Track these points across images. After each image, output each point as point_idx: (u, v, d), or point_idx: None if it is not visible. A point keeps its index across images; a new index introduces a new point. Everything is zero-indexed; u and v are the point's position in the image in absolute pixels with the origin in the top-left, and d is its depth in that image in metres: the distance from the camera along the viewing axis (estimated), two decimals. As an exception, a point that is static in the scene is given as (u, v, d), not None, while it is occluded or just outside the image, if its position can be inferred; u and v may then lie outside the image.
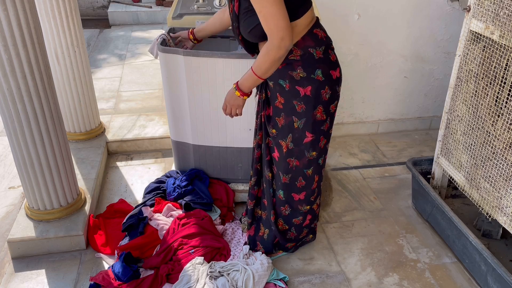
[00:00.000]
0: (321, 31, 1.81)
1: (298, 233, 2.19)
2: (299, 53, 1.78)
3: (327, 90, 1.83)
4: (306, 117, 1.86)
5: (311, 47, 1.77)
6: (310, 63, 1.79)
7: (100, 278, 2.00)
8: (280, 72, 1.83)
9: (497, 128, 1.89)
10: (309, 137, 1.90)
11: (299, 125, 1.88)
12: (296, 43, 1.76)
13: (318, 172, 2.04)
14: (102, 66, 4.52)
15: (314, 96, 1.82)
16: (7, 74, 1.86)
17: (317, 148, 1.95)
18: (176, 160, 2.64)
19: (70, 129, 2.91)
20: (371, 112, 3.32)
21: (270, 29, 1.63)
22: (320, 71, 1.80)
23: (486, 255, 1.90)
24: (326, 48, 1.81)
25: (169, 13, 2.49)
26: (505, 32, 1.77)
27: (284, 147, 1.95)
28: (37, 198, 2.19)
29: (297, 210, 2.10)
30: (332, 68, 1.83)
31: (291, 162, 1.98)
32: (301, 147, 1.93)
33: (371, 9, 2.93)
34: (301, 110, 1.85)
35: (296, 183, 2.02)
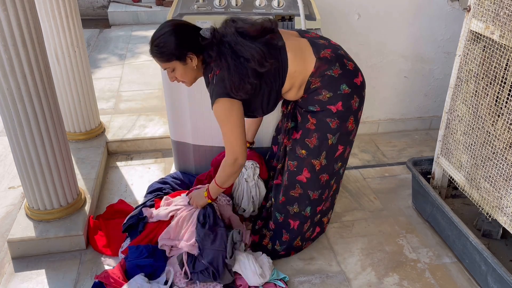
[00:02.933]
0: (325, 50, 1.83)
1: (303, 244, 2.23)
2: (318, 80, 1.82)
3: (356, 98, 1.88)
4: (340, 131, 1.90)
5: (326, 70, 1.81)
6: (332, 82, 1.83)
7: (105, 276, 2.00)
8: (307, 100, 1.88)
9: (497, 128, 1.89)
10: (340, 149, 1.95)
11: (333, 141, 1.91)
12: (311, 74, 1.82)
13: (337, 181, 2.11)
14: (102, 66, 4.52)
15: (346, 109, 1.86)
16: (7, 74, 1.86)
17: (343, 158, 2.02)
18: (176, 160, 2.64)
19: (70, 129, 2.91)
20: (371, 112, 3.32)
21: (227, 148, 1.84)
22: (345, 85, 1.84)
23: (486, 255, 1.90)
24: (339, 61, 1.84)
25: (169, 13, 2.49)
26: (505, 32, 1.77)
27: (317, 165, 1.96)
28: (37, 198, 2.19)
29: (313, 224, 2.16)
30: (355, 76, 1.87)
31: (323, 178, 2.01)
32: (332, 160, 1.97)
33: (371, 9, 2.93)
34: (335, 126, 1.88)
35: (323, 196, 2.07)
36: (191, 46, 1.77)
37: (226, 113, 1.77)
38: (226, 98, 1.75)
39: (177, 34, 1.75)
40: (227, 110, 1.77)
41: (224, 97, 1.75)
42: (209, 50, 1.75)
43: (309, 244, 2.27)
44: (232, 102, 1.76)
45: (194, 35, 1.77)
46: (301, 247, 2.22)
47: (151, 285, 1.97)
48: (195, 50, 1.78)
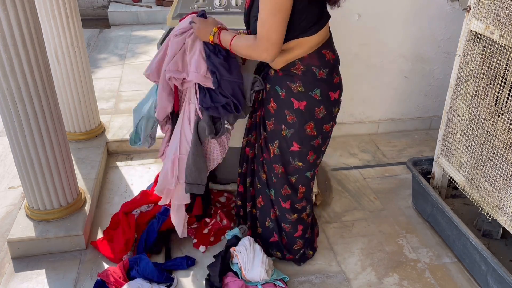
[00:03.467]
0: (330, 52, 1.79)
1: (291, 242, 2.13)
2: (301, 68, 1.76)
3: (322, 109, 1.82)
4: (295, 128, 1.85)
5: (315, 66, 1.76)
6: (310, 81, 1.77)
7: (106, 275, 2.00)
8: (279, 79, 1.82)
9: (497, 128, 1.89)
10: (296, 147, 1.89)
11: (287, 134, 1.87)
12: (301, 58, 1.75)
13: (305, 183, 2.01)
14: (102, 66, 4.52)
15: (307, 111, 1.81)
16: (7, 74, 1.86)
17: (304, 160, 1.93)
18: (176, 160, 2.64)
19: (70, 129, 2.91)
20: (371, 112, 3.32)
21: (261, 35, 1.62)
22: (318, 90, 1.79)
23: (486, 255, 1.90)
24: (330, 70, 1.79)
25: (169, 13, 2.49)
26: (505, 32, 1.77)
27: (271, 151, 1.94)
28: (37, 198, 2.19)
29: (285, 217, 2.07)
30: (332, 89, 1.82)
31: (277, 168, 1.96)
32: (287, 155, 1.92)
33: (371, 9, 2.93)
34: (292, 121, 1.84)
35: (281, 190, 2.00)
36: None
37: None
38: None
39: None
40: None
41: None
42: None
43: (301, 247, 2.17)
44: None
45: None
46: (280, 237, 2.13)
47: (152, 286, 1.98)
48: None
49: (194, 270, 2.15)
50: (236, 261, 2.08)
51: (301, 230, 2.12)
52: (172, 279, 2.06)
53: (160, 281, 2.03)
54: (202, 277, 2.10)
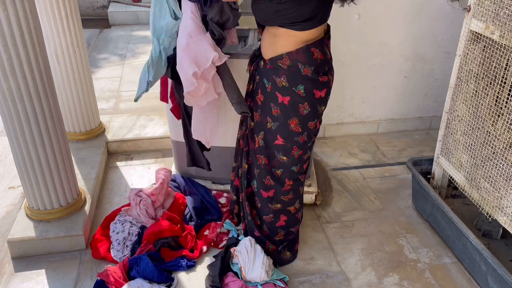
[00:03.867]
0: (319, 52, 1.79)
1: (272, 232, 2.13)
2: (288, 63, 1.78)
3: (306, 106, 1.84)
4: (280, 122, 1.88)
5: (301, 62, 1.77)
6: (294, 76, 1.79)
7: (106, 275, 2.00)
8: (267, 71, 1.84)
9: (497, 128, 1.89)
10: (280, 140, 1.91)
11: (272, 127, 1.90)
12: (288, 52, 1.76)
13: (292, 177, 2.02)
14: (102, 66, 4.52)
15: (290, 107, 1.84)
16: (7, 74, 1.86)
17: (289, 155, 1.94)
18: (176, 160, 2.64)
19: (70, 129, 2.91)
20: (371, 112, 3.32)
21: None
22: (302, 87, 1.80)
23: (486, 255, 1.90)
24: (316, 69, 1.79)
25: (169, 13, 2.49)
26: (505, 32, 1.77)
27: (256, 142, 1.98)
28: (37, 198, 2.19)
29: (267, 207, 2.08)
30: (318, 87, 1.83)
31: (260, 159, 1.99)
32: (272, 148, 1.94)
33: (371, 9, 2.93)
34: (276, 115, 1.87)
35: (264, 180, 2.03)
36: None
37: None
38: None
39: None
40: None
41: None
42: None
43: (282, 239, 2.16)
44: None
45: None
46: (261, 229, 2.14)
47: (152, 286, 1.98)
48: None
49: (194, 270, 2.15)
50: (236, 261, 2.08)
51: (284, 221, 2.11)
52: (172, 279, 2.06)
53: (160, 281, 2.03)
54: (202, 277, 2.10)
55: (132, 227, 2.25)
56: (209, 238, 2.28)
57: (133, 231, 2.24)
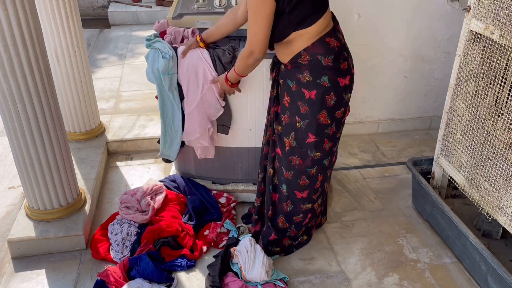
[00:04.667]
0: (335, 40, 1.84)
1: (297, 231, 2.20)
2: (307, 58, 1.82)
3: (333, 96, 1.86)
4: (309, 119, 1.89)
5: (320, 54, 1.81)
6: (317, 69, 1.82)
7: (106, 275, 2.00)
8: (289, 72, 1.88)
9: (497, 128, 1.89)
10: (312, 138, 1.93)
11: (302, 126, 1.91)
12: (305, 48, 1.81)
13: (323, 172, 2.06)
14: (102, 66, 4.51)
15: (318, 100, 1.85)
16: (7, 74, 1.86)
17: (321, 149, 1.97)
18: (176, 160, 2.64)
19: (70, 129, 2.91)
20: (371, 112, 3.32)
21: (249, 39, 1.81)
22: (326, 77, 1.83)
23: (486, 255, 1.90)
24: (336, 56, 1.83)
25: (169, 13, 2.49)
26: (505, 32, 1.77)
27: (287, 144, 1.98)
28: (37, 198, 2.19)
29: (298, 208, 2.12)
30: (341, 75, 1.86)
31: (294, 160, 2.00)
32: (304, 147, 1.96)
33: (371, 9, 2.93)
34: (305, 112, 1.89)
35: (299, 181, 2.04)
36: None
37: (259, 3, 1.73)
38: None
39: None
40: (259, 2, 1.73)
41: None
42: None
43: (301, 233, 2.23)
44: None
45: None
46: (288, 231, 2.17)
47: (152, 286, 1.98)
48: None
49: (194, 270, 2.15)
50: (236, 261, 2.08)
51: (309, 218, 2.18)
52: (172, 279, 2.06)
53: (160, 281, 2.03)
54: (202, 277, 2.10)
55: (130, 227, 2.25)
56: (209, 238, 2.28)
57: (132, 231, 2.24)
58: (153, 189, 2.44)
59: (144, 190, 2.40)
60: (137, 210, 2.32)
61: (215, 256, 2.17)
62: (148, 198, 2.38)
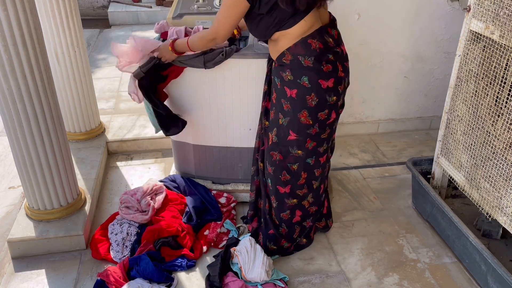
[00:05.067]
0: (317, 41, 1.84)
1: (290, 231, 2.17)
2: (289, 58, 1.86)
3: (314, 97, 1.88)
4: (290, 117, 1.93)
5: (300, 55, 1.84)
6: (297, 69, 1.86)
7: (106, 275, 2.00)
8: (276, 70, 1.94)
9: (497, 128, 1.89)
10: (292, 135, 1.96)
11: (283, 123, 1.95)
12: (288, 48, 1.85)
13: (308, 170, 2.07)
14: (102, 66, 4.52)
15: (299, 99, 1.89)
16: (7, 74, 1.86)
17: (303, 148, 1.99)
18: (176, 160, 2.64)
19: (70, 129, 2.91)
20: (371, 112, 3.32)
21: (215, 27, 1.90)
22: (306, 78, 1.85)
23: (486, 255, 1.90)
24: (317, 58, 1.84)
25: (169, 13, 2.49)
26: (505, 32, 1.77)
27: (270, 139, 2.03)
28: (37, 198, 2.19)
29: (283, 203, 2.12)
30: (322, 77, 1.86)
31: (274, 156, 2.04)
32: (285, 142, 1.99)
33: (371, 9, 2.93)
34: (287, 109, 1.93)
35: (280, 176, 2.07)
36: None
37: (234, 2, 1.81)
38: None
39: None
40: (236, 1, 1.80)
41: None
42: None
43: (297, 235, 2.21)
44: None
45: None
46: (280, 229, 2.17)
47: (152, 286, 1.98)
48: None
49: (194, 270, 2.15)
50: (236, 261, 2.08)
51: (299, 216, 2.16)
52: (172, 279, 2.06)
53: (160, 281, 2.03)
54: (202, 277, 2.10)
55: (130, 227, 2.25)
56: (209, 238, 2.28)
57: (132, 231, 2.24)
58: (153, 189, 2.44)
59: (144, 190, 2.40)
60: (137, 210, 2.32)
61: (215, 256, 2.17)
62: (148, 198, 2.38)
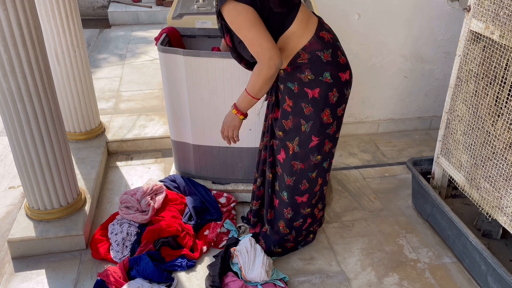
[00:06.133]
0: (327, 33, 1.83)
1: (297, 236, 2.20)
2: (306, 56, 1.79)
3: (335, 92, 1.84)
4: (313, 119, 1.87)
5: (318, 50, 1.79)
6: (318, 65, 1.80)
7: (106, 275, 2.00)
8: (289, 75, 1.85)
9: (497, 128, 1.89)
10: (315, 141, 1.92)
11: (306, 129, 1.90)
12: (303, 47, 1.78)
13: (322, 175, 2.06)
14: (102, 66, 4.52)
15: (322, 98, 1.84)
16: (7, 74, 1.86)
17: (322, 152, 1.97)
18: (176, 160, 2.64)
19: (70, 129, 2.91)
20: (371, 112, 3.32)
21: (257, 52, 1.68)
22: (328, 74, 1.81)
23: (486, 255, 1.90)
24: (333, 50, 1.82)
25: (169, 13, 2.49)
26: (505, 32, 1.77)
27: (290, 149, 1.96)
28: (37, 198, 2.19)
29: (299, 213, 2.11)
30: (341, 70, 1.85)
31: (296, 165, 1.99)
32: (307, 150, 1.94)
33: (371, 9, 2.93)
34: (309, 113, 1.86)
35: (300, 186, 2.04)
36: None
37: (238, 15, 1.65)
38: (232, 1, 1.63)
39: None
40: (237, 12, 1.64)
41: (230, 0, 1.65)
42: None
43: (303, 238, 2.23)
44: (241, 5, 1.63)
45: None
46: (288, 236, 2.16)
47: (152, 286, 1.98)
48: None
49: (194, 270, 2.15)
50: (236, 261, 2.08)
51: (309, 222, 2.18)
52: (172, 279, 2.06)
53: (160, 281, 2.03)
54: (202, 277, 2.10)
55: (130, 227, 2.25)
56: (209, 238, 2.28)
57: (132, 231, 2.24)
58: (153, 189, 2.44)
59: (144, 190, 2.40)
60: (137, 210, 2.32)
61: (215, 256, 2.17)
62: (148, 198, 2.38)
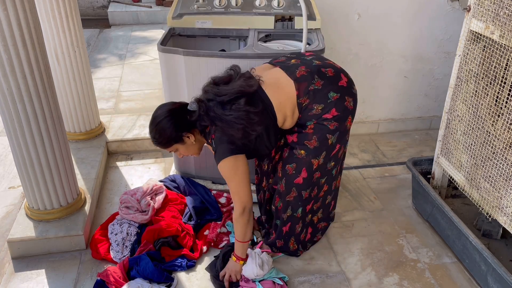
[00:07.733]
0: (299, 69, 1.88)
1: (303, 248, 2.24)
2: (305, 98, 1.89)
3: (348, 99, 1.93)
4: (339, 130, 1.93)
5: (307, 86, 1.89)
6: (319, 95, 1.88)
7: (106, 275, 2.00)
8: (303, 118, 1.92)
9: (497, 128, 1.89)
10: (336, 148, 1.98)
11: (333, 141, 1.94)
12: (296, 96, 1.87)
13: (328, 182, 2.10)
14: (102, 66, 4.52)
15: (341, 112, 1.90)
16: (7, 74, 1.86)
17: (336, 158, 2.03)
18: (176, 160, 2.64)
19: (70, 129, 2.91)
20: (371, 112, 3.32)
21: (235, 199, 1.89)
22: (332, 93, 1.88)
23: (486, 255, 1.90)
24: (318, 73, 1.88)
25: (169, 13, 2.49)
26: (505, 32, 1.77)
27: (315, 164, 1.98)
28: (37, 198, 2.19)
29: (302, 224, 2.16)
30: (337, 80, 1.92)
31: (315, 176, 2.03)
32: (327, 160, 2.00)
33: (371, 9, 2.93)
34: (334, 127, 1.91)
35: (312, 194, 2.08)
36: (184, 126, 1.88)
37: (231, 171, 1.85)
38: (229, 156, 1.83)
39: (169, 121, 1.86)
40: (232, 167, 1.85)
41: (228, 156, 1.83)
42: (201, 122, 1.84)
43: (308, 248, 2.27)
44: (236, 158, 1.84)
45: (184, 115, 1.87)
46: (297, 251, 2.21)
47: (152, 286, 1.98)
48: (189, 127, 1.89)
49: (194, 270, 2.15)
50: None
51: (310, 234, 2.23)
52: (172, 279, 2.06)
53: (160, 281, 2.03)
54: (202, 277, 2.10)
55: (130, 227, 2.25)
56: (209, 238, 2.28)
57: (132, 231, 2.24)
58: (153, 189, 2.44)
59: (144, 190, 2.40)
60: (137, 210, 2.32)
61: (215, 256, 2.17)
62: (148, 198, 2.38)
